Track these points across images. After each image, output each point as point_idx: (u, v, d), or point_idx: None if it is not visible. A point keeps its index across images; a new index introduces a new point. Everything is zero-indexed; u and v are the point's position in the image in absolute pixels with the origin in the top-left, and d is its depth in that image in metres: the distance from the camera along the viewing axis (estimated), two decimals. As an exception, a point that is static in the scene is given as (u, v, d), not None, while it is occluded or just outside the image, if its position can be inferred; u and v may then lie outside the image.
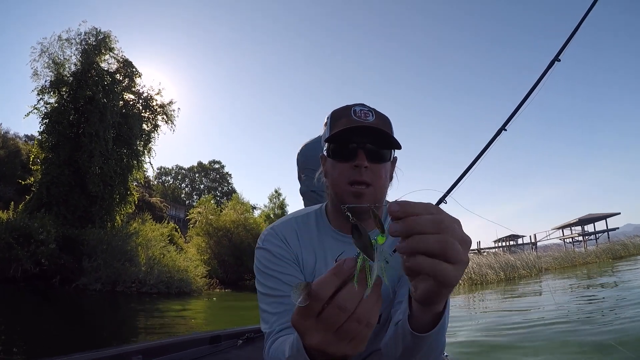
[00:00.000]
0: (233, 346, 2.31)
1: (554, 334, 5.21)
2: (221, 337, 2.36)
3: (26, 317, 7.54)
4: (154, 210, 29.88)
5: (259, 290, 1.09)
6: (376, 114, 1.10)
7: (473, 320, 7.22)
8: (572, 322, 5.80)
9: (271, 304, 1.05)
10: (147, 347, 1.95)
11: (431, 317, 0.69)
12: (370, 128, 1.04)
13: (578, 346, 4.45)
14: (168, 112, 21.30)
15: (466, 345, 4.98)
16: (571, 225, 37.46)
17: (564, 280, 12.96)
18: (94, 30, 18.59)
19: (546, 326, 5.70)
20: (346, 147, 1.06)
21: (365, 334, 0.56)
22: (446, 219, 0.54)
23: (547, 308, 7.55)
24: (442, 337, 0.78)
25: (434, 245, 0.52)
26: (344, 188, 1.06)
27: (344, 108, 1.12)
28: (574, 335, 4.93)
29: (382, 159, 1.07)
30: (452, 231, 0.53)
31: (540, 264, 17.57)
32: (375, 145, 1.06)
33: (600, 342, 4.42)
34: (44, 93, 17.13)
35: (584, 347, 4.37)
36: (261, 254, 1.11)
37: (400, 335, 0.77)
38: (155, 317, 9.34)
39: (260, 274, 1.10)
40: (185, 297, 14.11)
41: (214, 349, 2.24)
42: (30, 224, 12.55)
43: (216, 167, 60.40)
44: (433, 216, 0.54)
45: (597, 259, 19.48)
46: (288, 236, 1.14)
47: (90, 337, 6.28)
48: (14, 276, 11.68)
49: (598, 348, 4.25)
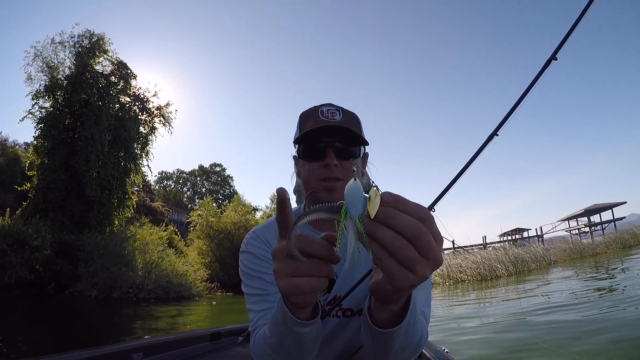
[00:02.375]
0: (233, 343, 2.31)
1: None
2: (221, 334, 2.35)
3: (13, 327, 7.23)
4: (156, 215, 29.65)
5: (245, 292, 1.11)
6: (344, 112, 1.13)
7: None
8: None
9: (256, 303, 1.07)
10: (147, 344, 1.94)
11: (388, 314, 0.69)
12: (337, 127, 1.07)
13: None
14: (165, 114, 21.08)
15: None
16: (577, 217, 37.09)
17: (585, 270, 12.56)
18: (88, 33, 18.37)
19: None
20: (315, 147, 1.09)
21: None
22: (424, 229, 0.52)
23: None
24: (409, 337, 0.77)
25: (387, 241, 0.52)
26: (316, 185, 1.09)
27: (312, 109, 1.15)
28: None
29: (350, 155, 1.10)
30: (422, 242, 0.52)
31: (549, 257, 17.23)
32: (343, 143, 1.09)
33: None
34: (39, 97, 16.88)
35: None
36: (245, 257, 1.14)
37: (366, 327, 0.78)
38: (147, 324, 9.02)
39: (245, 276, 1.12)
40: (184, 302, 13.76)
41: (214, 346, 2.26)
42: (24, 230, 12.24)
43: (217, 170, 60.26)
44: (412, 220, 0.52)
45: (606, 249, 19.14)
46: (269, 237, 1.15)
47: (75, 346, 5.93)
48: (8, 283, 11.36)
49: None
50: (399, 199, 0.53)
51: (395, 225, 0.51)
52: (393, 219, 0.51)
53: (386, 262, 0.53)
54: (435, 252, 0.53)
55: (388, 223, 0.51)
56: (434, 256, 0.53)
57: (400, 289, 0.56)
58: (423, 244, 0.52)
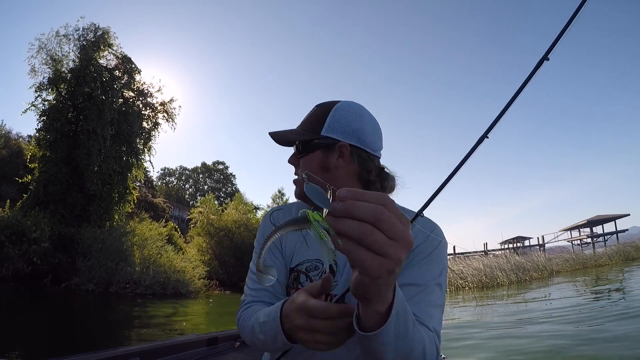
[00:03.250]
0: (230, 348, 2.32)
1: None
2: (218, 339, 2.35)
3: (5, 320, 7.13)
4: (157, 211, 29.60)
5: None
6: (306, 117, 1.16)
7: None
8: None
9: (250, 279, 1.14)
10: (144, 349, 1.94)
11: (376, 318, 0.67)
12: (277, 134, 1.15)
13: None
14: (169, 110, 21.00)
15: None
16: (580, 227, 36.84)
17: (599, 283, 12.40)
18: (93, 27, 18.33)
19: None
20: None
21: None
22: (387, 211, 0.52)
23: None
24: (406, 346, 0.73)
25: (352, 231, 0.51)
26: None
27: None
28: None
29: (303, 152, 1.12)
30: (388, 224, 0.52)
31: (551, 266, 17.06)
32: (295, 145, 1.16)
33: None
34: (42, 90, 16.85)
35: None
36: (257, 234, 1.19)
37: (355, 335, 0.75)
38: (140, 321, 8.89)
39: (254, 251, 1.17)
40: (181, 299, 13.63)
41: (211, 351, 2.26)
42: (23, 222, 12.15)
43: (220, 168, 60.28)
44: (373, 205, 0.52)
45: (609, 260, 19.00)
46: (277, 220, 1.21)
47: (66, 346, 5.85)
48: (5, 275, 11.27)
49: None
50: (356, 191, 0.53)
51: (356, 214, 0.51)
52: (353, 209, 0.52)
53: (356, 252, 0.52)
54: (403, 232, 0.53)
55: (350, 214, 0.51)
56: (403, 236, 0.53)
57: (377, 278, 0.54)
58: (388, 226, 0.52)
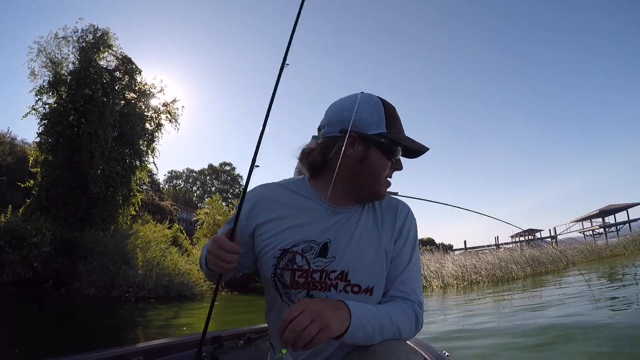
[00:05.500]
0: (234, 347, 2.31)
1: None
2: (222, 338, 2.31)
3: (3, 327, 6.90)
4: (164, 214, 29.46)
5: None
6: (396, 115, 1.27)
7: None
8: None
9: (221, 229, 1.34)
10: (148, 348, 1.93)
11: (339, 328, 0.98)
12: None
13: None
14: (172, 111, 20.75)
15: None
16: (592, 217, 36.14)
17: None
18: (92, 28, 18.09)
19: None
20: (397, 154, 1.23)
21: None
22: (297, 319, 0.91)
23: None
24: (372, 337, 1.03)
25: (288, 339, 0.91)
26: (382, 180, 1.21)
27: (394, 109, 1.25)
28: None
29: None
30: (298, 323, 0.90)
31: (566, 258, 16.58)
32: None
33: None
34: (42, 93, 16.70)
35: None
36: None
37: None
38: (142, 325, 8.62)
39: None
40: (185, 302, 13.33)
41: (215, 349, 2.21)
42: (23, 227, 11.96)
43: (227, 169, 60.18)
44: (298, 318, 0.90)
45: (624, 250, 18.46)
46: (278, 196, 1.25)
47: (66, 349, 5.56)
48: (5, 281, 11.09)
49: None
50: (286, 321, 0.91)
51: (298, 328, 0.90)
52: (297, 327, 0.90)
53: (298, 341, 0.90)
54: (300, 320, 0.90)
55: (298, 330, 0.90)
56: (299, 321, 0.90)
57: (318, 342, 0.91)
58: (300, 326, 0.90)
